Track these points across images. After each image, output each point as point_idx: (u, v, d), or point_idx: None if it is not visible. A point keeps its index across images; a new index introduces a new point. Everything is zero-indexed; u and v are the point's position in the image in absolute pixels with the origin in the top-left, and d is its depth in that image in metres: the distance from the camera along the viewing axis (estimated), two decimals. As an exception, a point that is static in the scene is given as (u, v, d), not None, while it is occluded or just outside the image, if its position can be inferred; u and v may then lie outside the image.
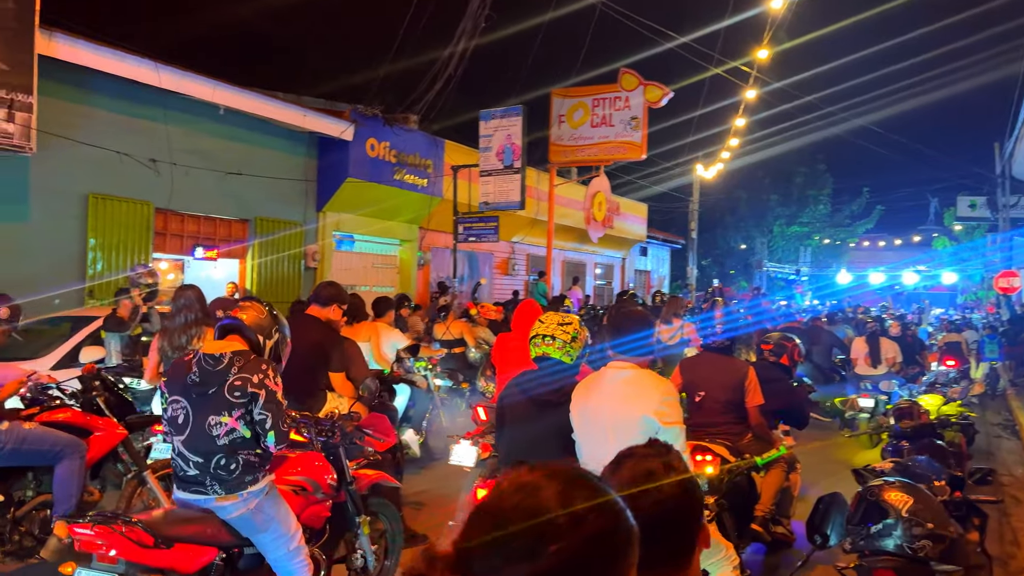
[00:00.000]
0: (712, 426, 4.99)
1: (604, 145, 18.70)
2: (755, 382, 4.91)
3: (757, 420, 4.93)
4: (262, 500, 3.09)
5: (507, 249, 19.86)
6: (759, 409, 4.93)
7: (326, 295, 5.00)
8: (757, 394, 4.90)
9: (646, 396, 3.13)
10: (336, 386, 4.83)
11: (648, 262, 28.55)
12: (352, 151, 13.68)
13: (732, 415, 4.96)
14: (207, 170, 11.72)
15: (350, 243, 15.83)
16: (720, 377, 4.96)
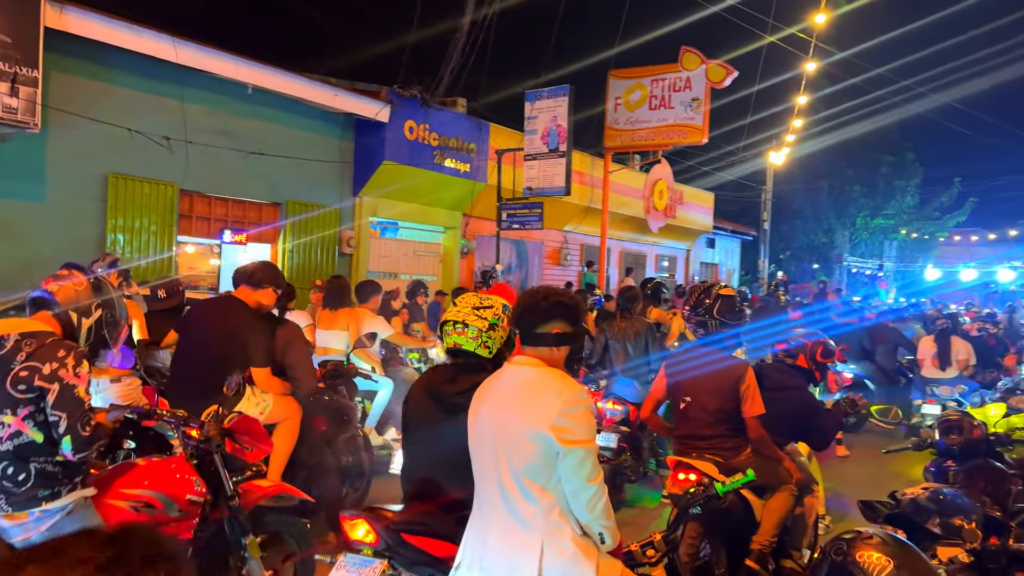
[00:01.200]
0: (700, 439, 4.17)
1: (662, 128, 17.76)
2: (754, 387, 4.06)
3: (757, 433, 4.07)
4: (61, 521, 2.48)
5: (559, 238, 19.10)
6: (761, 420, 4.08)
7: (259, 275, 4.38)
8: (756, 402, 4.04)
9: (544, 404, 2.39)
10: (259, 382, 4.22)
11: (716, 254, 27.27)
12: (388, 133, 13.18)
13: (724, 426, 4.12)
14: (235, 151, 11.38)
15: (393, 230, 15.39)
16: (710, 380, 4.12)
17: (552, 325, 2.52)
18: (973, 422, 4.29)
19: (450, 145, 14.49)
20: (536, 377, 2.49)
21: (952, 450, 4.23)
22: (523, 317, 2.56)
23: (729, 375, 4.09)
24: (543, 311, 2.53)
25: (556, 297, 2.58)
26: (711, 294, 4.28)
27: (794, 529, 4.29)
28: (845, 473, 7.66)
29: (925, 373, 8.79)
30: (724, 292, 4.23)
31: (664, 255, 23.94)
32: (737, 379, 4.06)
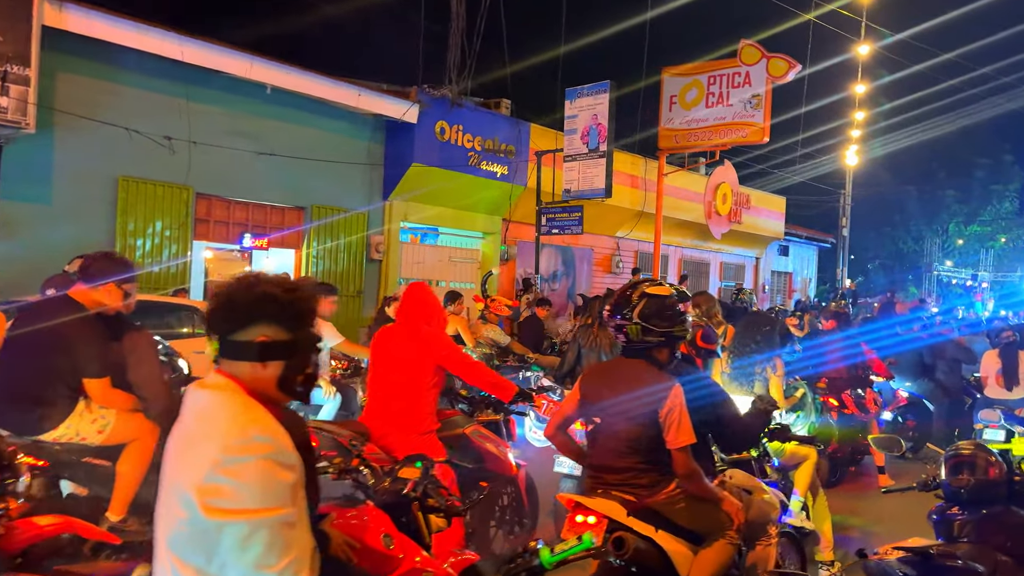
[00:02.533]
0: (609, 471, 3.33)
1: (720, 127, 16.73)
2: (680, 410, 3.17)
3: (685, 468, 3.21)
4: None
5: (610, 245, 18.24)
6: (688, 452, 3.20)
7: (95, 269, 3.76)
8: (683, 430, 3.17)
9: (198, 452, 1.69)
10: (96, 396, 3.66)
11: (789, 262, 25.73)
12: (418, 134, 12.69)
13: (638, 457, 3.25)
14: (255, 153, 11.08)
15: (433, 236, 14.91)
16: (627, 400, 3.27)
17: (255, 330, 1.81)
18: (990, 458, 3.34)
19: (487, 147, 13.90)
20: (207, 408, 1.77)
21: (959, 494, 3.30)
22: (215, 317, 1.87)
23: (649, 393, 3.23)
24: (242, 309, 1.81)
25: (263, 288, 1.83)
26: (636, 292, 3.40)
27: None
28: (885, 508, 6.60)
29: (989, 393, 7.61)
30: (653, 291, 3.34)
31: (730, 263, 22.70)
32: (658, 401, 3.19)
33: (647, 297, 3.35)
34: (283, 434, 1.76)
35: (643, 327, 3.31)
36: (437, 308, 4.02)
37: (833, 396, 7.05)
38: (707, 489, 3.28)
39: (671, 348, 3.40)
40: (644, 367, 3.35)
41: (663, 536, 3.23)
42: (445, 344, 3.95)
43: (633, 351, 3.38)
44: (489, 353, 7.45)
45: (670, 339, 3.35)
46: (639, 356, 3.36)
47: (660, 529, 3.24)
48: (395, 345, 3.94)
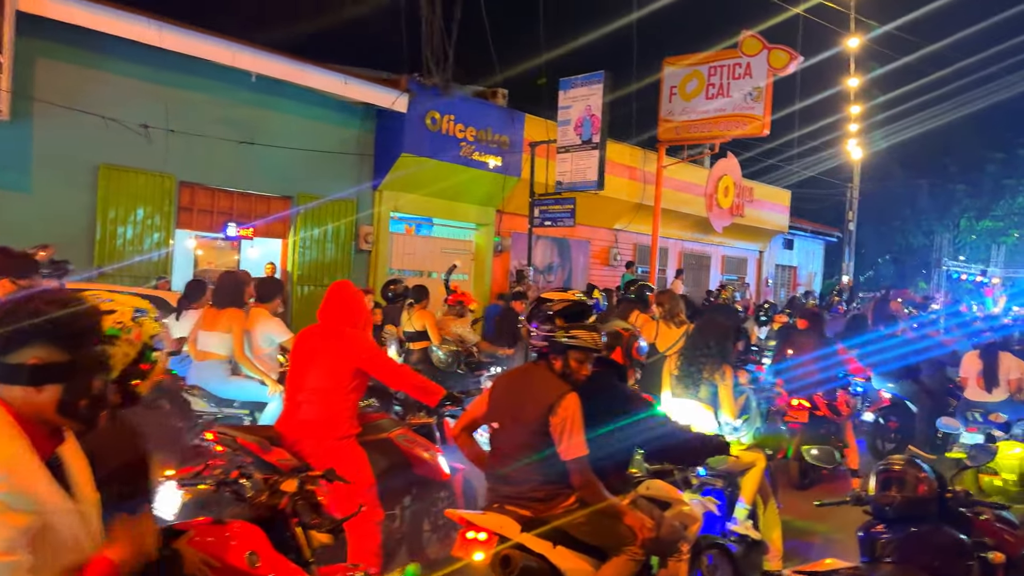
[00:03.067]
0: (505, 482, 3.21)
1: (720, 119, 16.52)
2: (572, 420, 3.05)
3: (580, 479, 3.09)
4: None
5: (608, 237, 18.06)
6: (583, 464, 3.08)
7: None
8: (575, 440, 3.04)
9: None
10: None
11: (794, 256, 25.43)
12: (408, 124, 12.57)
13: (534, 467, 3.12)
14: (240, 142, 11.00)
15: (428, 227, 14.82)
16: (522, 404, 3.15)
17: (27, 351, 1.65)
18: (920, 474, 3.19)
19: (480, 137, 13.76)
20: None
21: (885, 511, 3.16)
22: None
23: (540, 400, 3.09)
24: (12, 329, 1.65)
25: (35, 305, 1.67)
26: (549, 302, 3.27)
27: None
28: (852, 514, 6.44)
29: (969, 394, 7.42)
30: (546, 295, 3.21)
31: (732, 257, 22.45)
32: (548, 408, 3.05)
33: (538, 301, 3.27)
34: (24, 472, 1.61)
35: (530, 332, 3.25)
36: (360, 308, 3.90)
37: (804, 397, 6.91)
38: (606, 502, 3.15)
39: (562, 356, 3.21)
40: (542, 373, 3.23)
41: (561, 553, 3.11)
42: (366, 346, 3.83)
43: (538, 356, 3.28)
44: (456, 350, 7.33)
45: (555, 345, 3.19)
46: (539, 362, 3.26)
47: (559, 545, 3.12)
48: (314, 346, 3.83)
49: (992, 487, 4.75)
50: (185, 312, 6.16)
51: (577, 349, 3.21)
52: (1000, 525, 3.89)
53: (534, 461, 3.10)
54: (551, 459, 3.08)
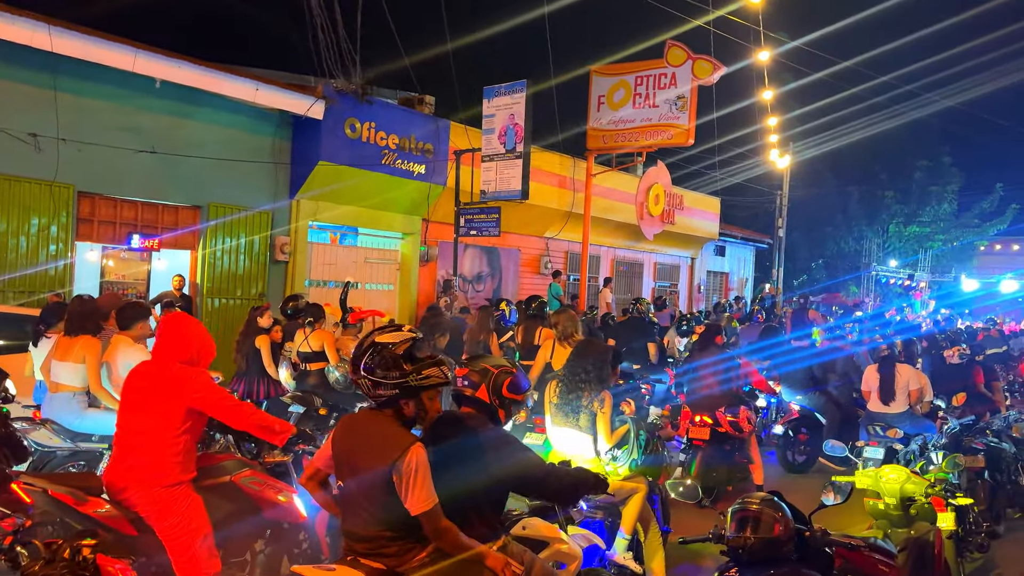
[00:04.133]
0: (357, 539, 3.01)
1: (647, 129, 16.61)
2: (418, 471, 2.84)
3: (433, 528, 2.90)
4: None
5: (539, 245, 17.95)
6: (435, 514, 2.89)
7: None
8: (422, 492, 2.84)
9: None
10: None
11: (726, 263, 25.73)
12: (324, 131, 12.23)
13: (383, 523, 2.94)
14: (143, 151, 10.55)
15: (353, 236, 14.48)
16: (362, 462, 2.96)
17: None
18: (776, 514, 3.07)
19: (402, 145, 13.49)
20: None
21: (739, 554, 3.03)
22: None
23: (382, 456, 2.89)
24: None
25: None
26: (368, 340, 3.04)
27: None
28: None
29: (871, 407, 7.47)
30: (381, 339, 2.96)
31: (664, 263, 22.57)
32: (390, 464, 2.85)
33: (373, 347, 3.00)
34: None
35: (372, 380, 2.97)
36: (194, 342, 3.59)
37: (707, 414, 6.84)
38: (465, 549, 2.98)
39: (415, 400, 3.03)
40: (385, 422, 3.01)
41: None
42: (198, 384, 3.51)
43: (380, 404, 3.04)
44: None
45: (407, 390, 2.98)
46: (381, 410, 3.03)
47: None
48: (143, 384, 3.54)
49: (876, 511, 4.70)
50: (43, 338, 5.75)
51: (431, 388, 3.04)
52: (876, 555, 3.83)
53: (381, 515, 2.91)
54: (399, 512, 2.89)
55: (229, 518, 3.61)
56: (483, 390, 3.43)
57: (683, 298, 22.92)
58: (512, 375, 3.46)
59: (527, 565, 3.21)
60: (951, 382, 9.11)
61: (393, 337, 3.03)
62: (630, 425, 4.52)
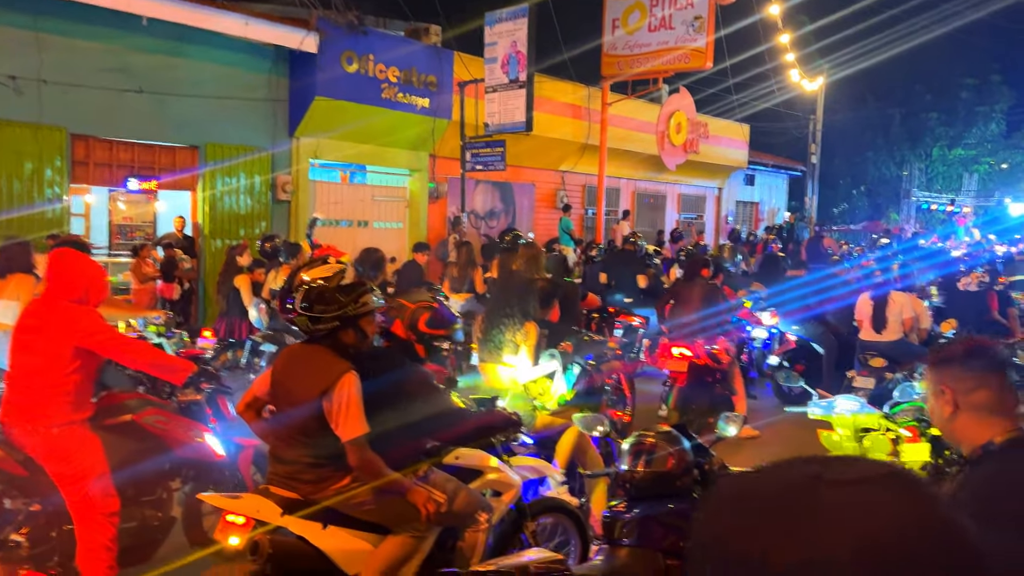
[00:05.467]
0: (279, 462, 3.03)
1: (663, 53, 15.93)
2: (349, 399, 2.86)
3: (358, 459, 2.90)
4: None
5: (554, 179, 17.57)
6: (361, 444, 2.88)
7: None
8: (352, 420, 2.86)
9: None
10: None
11: (756, 192, 24.98)
12: (320, 66, 11.96)
13: (307, 449, 2.95)
14: (136, 91, 10.45)
15: (362, 174, 14.33)
16: (297, 389, 2.98)
17: None
18: (669, 448, 2.89)
19: (404, 78, 13.16)
20: None
21: (628, 488, 2.87)
22: None
23: (316, 384, 2.91)
24: None
25: None
26: (297, 277, 3.03)
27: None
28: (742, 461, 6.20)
29: (863, 336, 7.15)
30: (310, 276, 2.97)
31: (689, 195, 21.99)
32: (322, 392, 2.88)
33: (304, 285, 2.99)
34: None
35: (310, 317, 2.97)
36: (83, 278, 3.48)
37: (685, 344, 6.63)
38: (388, 482, 2.97)
39: (354, 328, 3.06)
40: (321, 352, 3.03)
41: (334, 533, 2.95)
42: (88, 322, 3.39)
43: (314, 338, 3.05)
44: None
45: (347, 320, 3.02)
46: (319, 342, 3.04)
47: (332, 526, 2.96)
48: (33, 324, 3.45)
49: (830, 442, 4.48)
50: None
51: (368, 313, 3.08)
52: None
53: (306, 443, 2.96)
54: (323, 441, 2.92)
55: (132, 457, 3.56)
56: (398, 325, 3.34)
57: (710, 230, 22.36)
58: (431, 310, 3.35)
59: (450, 493, 3.18)
60: (964, 310, 8.74)
61: (323, 272, 3.06)
62: (558, 360, 4.35)
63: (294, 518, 2.86)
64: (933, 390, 1.98)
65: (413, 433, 3.11)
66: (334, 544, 2.90)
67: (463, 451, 3.42)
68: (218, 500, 2.95)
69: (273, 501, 2.89)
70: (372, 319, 3.10)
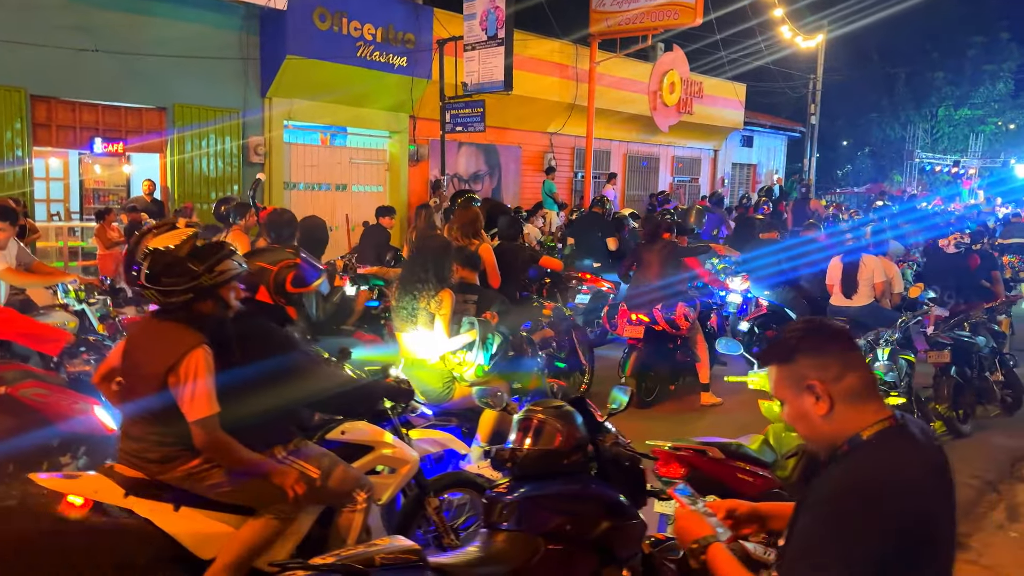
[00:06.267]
0: (126, 438, 2.81)
1: (652, 9, 15.44)
2: (197, 375, 2.62)
3: (205, 442, 2.66)
4: None
5: (542, 141, 17.19)
6: (210, 424, 2.65)
7: None
8: (199, 399, 2.62)
9: None
10: None
11: (753, 154, 24.49)
12: (290, 23, 11.59)
13: (153, 426, 2.71)
14: (94, 51, 10.12)
15: (343, 137, 14.00)
16: (143, 363, 2.73)
17: None
18: (558, 424, 2.66)
19: (380, 36, 12.77)
20: None
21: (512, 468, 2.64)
22: None
23: (162, 359, 2.66)
24: None
25: None
26: (141, 246, 2.75)
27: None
28: (703, 430, 5.99)
29: (833, 301, 6.89)
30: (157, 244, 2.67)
31: (683, 157, 21.56)
32: (168, 368, 2.63)
33: (150, 254, 2.69)
34: None
35: (159, 290, 2.69)
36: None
37: (643, 312, 6.38)
38: (244, 463, 2.74)
39: (212, 298, 2.77)
40: (171, 325, 2.74)
41: (188, 516, 2.74)
42: None
43: (167, 310, 2.76)
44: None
45: (202, 291, 2.73)
46: (172, 315, 2.75)
47: (185, 507, 2.75)
48: None
49: (771, 413, 4.25)
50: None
51: (228, 281, 2.79)
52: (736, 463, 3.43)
53: (152, 420, 2.71)
54: (170, 419, 2.67)
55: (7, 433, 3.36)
56: (263, 291, 3.06)
57: (704, 192, 21.94)
58: (296, 267, 3.08)
59: (324, 470, 2.97)
60: (944, 273, 8.48)
61: (172, 238, 2.76)
62: (477, 328, 4.11)
63: (140, 499, 2.66)
64: (795, 390, 1.64)
65: (282, 405, 2.87)
66: (186, 527, 2.69)
67: (350, 425, 3.20)
68: (54, 482, 2.72)
69: (116, 481, 2.68)
70: (233, 287, 2.81)
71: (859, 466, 1.57)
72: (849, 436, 1.62)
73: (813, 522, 1.56)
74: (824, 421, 1.64)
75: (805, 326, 1.72)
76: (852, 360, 1.65)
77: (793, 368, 1.66)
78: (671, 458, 3.32)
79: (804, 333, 1.69)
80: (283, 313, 3.11)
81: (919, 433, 1.64)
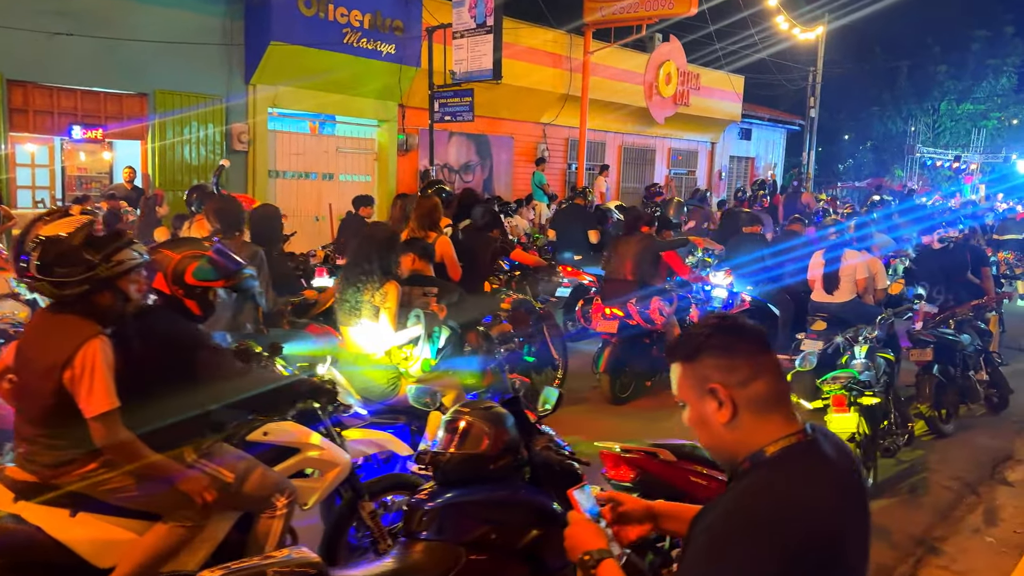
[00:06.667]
0: (20, 439, 2.65)
1: (646, 0, 15.21)
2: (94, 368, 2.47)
3: (105, 440, 2.51)
4: None
5: (535, 132, 16.97)
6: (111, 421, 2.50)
7: None
8: (97, 394, 2.47)
9: None
10: None
11: (752, 147, 24.24)
12: (275, 8, 11.40)
13: (45, 426, 2.56)
14: (80, 35, 9.92)
15: (332, 125, 13.82)
16: (36, 358, 2.57)
17: None
18: (485, 427, 2.49)
19: (367, 22, 12.56)
20: None
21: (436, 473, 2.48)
22: None
23: (55, 353, 2.50)
24: None
25: None
26: (31, 234, 2.57)
27: None
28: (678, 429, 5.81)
29: (814, 297, 6.72)
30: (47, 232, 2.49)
31: (680, 149, 21.32)
32: (62, 362, 2.47)
33: (41, 243, 2.51)
34: None
35: (52, 282, 2.51)
36: None
37: (617, 306, 6.21)
38: (149, 466, 2.58)
39: (111, 289, 2.60)
40: (66, 320, 2.59)
41: (85, 522, 2.58)
42: None
43: (62, 304, 2.59)
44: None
45: (99, 283, 2.56)
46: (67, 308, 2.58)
47: (83, 512, 2.60)
48: None
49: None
50: None
51: (127, 272, 2.63)
52: (689, 466, 3.27)
53: (44, 420, 2.56)
54: (63, 420, 2.52)
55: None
56: (160, 279, 2.88)
57: (701, 185, 21.72)
58: (199, 259, 2.89)
59: (240, 473, 2.80)
60: (933, 270, 8.29)
61: (65, 226, 2.57)
62: (422, 322, 3.94)
63: (31, 504, 2.51)
64: (697, 392, 1.46)
65: (186, 403, 2.70)
66: (82, 534, 2.54)
67: (274, 426, 3.03)
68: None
69: (5, 485, 2.55)
70: (135, 277, 2.65)
71: (752, 488, 1.40)
72: (752, 451, 1.44)
73: (696, 552, 1.39)
74: (726, 429, 1.46)
75: (716, 323, 1.53)
76: (764, 365, 1.47)
77: (697, 368, 1.48)
78: (620, 461, 3.16)
79: (713, 331, 1.50)
80: (181, 305, 2.92)
81: (831, 451, 1.47)
